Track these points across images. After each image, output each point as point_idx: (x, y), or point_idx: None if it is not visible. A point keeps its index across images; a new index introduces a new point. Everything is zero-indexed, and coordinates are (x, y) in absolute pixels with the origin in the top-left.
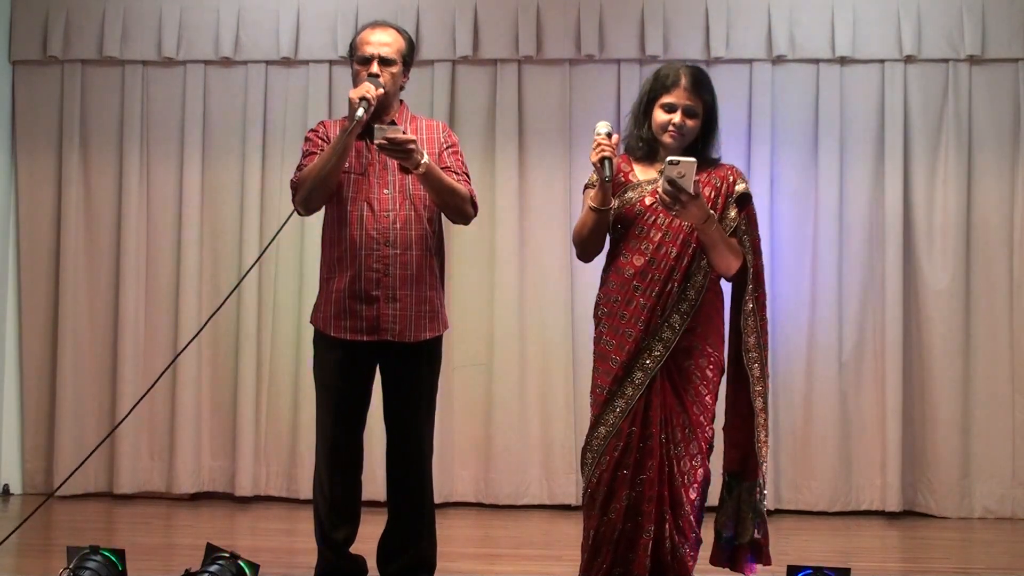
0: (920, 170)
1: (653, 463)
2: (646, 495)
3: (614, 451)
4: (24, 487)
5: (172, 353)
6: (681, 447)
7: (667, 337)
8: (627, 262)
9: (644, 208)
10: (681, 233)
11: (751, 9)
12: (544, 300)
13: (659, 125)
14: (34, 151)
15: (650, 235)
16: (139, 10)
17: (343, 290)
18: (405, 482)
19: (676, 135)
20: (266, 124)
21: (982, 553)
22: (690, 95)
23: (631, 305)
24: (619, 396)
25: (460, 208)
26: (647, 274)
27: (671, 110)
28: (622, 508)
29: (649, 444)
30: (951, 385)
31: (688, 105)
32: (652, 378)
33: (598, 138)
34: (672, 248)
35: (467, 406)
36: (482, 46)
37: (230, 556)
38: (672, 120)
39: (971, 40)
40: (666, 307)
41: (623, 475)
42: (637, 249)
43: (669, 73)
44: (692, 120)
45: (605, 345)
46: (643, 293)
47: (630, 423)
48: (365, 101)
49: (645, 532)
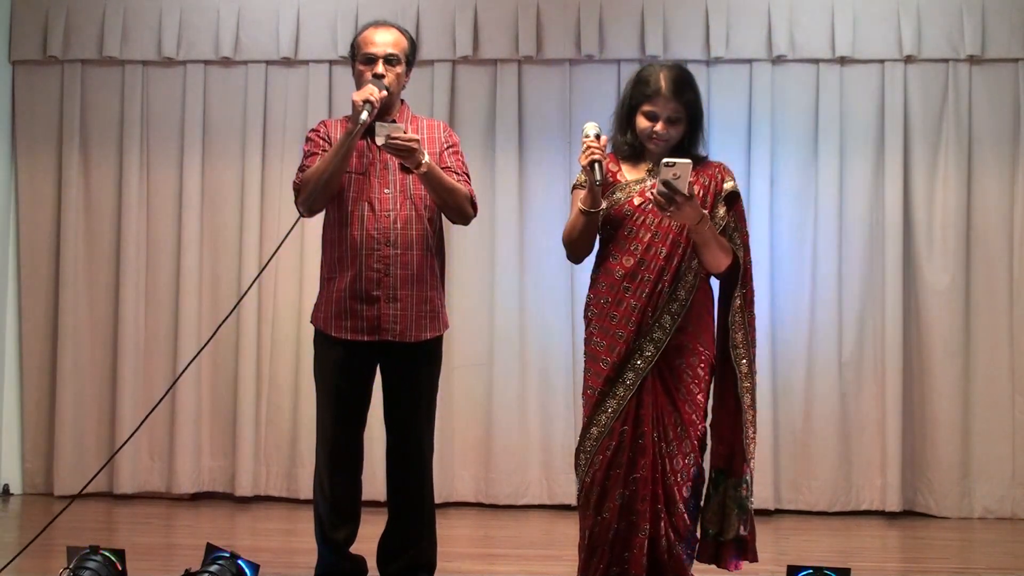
0: (920, 170)
1: (646, 462)
2: (640, 494)
3: (606, 451)
4: (24, 487)
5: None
6: (674, 445)
7: (658, 337)
8: (616, 263)
9: (633, 208)
10: (671, 233)
11: (751, 9)
12: (544, 300)
13: (642, 132)
14: (34, 151)
15: (639, 235)
16: (139, 10)
17: (344, 290)
18: (405, 482)
19: (659, 143)
20: (266, 124)
21: (982, 553)
22: (672, 102)
23: (621, 306)
24: (610, 397)
25: (460, 208)
26: (637, 275)
27: (653, 119)
28: (616, 508)
29: (641, 443)
30: (951, 385)
31: (670, 114)
32: (643, 378)
33: (587, 140)
34: (662, 248)
35: (467, 406)
36: (482, 46)
37: (230, 556)
38: (655, 129)
39: (971, 40)
40: (656, 307)
41: (616, 474)
42: (626, 250)
43: (649, 80)
44: (675, 127)
45: (596, 346)
46: (633, 294)
47: (622, 422)
48: (369, 104)
49: (640, 531)
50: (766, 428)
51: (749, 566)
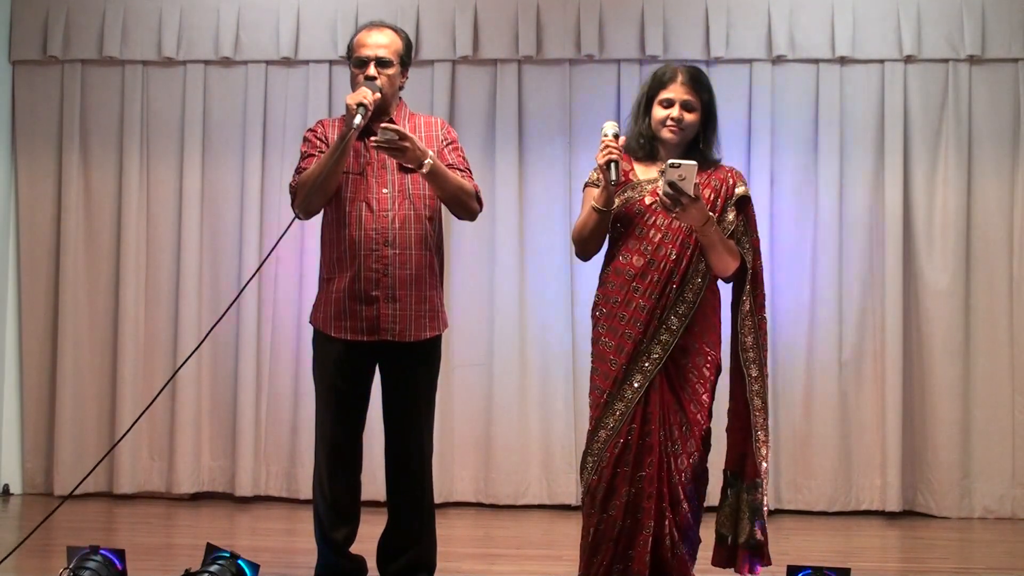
0: (920, 170)
1: (652, 460)
2: (646, 492)
3: (614, 448)
4: (24, 487)
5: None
6: (679, 445)
7: (665, 340)
8: (627, 262)
9: (644, 208)
10: (680, 234)
11: (751, 9)
12: (544, 300)
13: (658, 121)
14: (34, 151)
15: (649, 235)
16: (139, 10)
17: (343, 290)
18: (405, 482)
19: (675, 129)
20: (266, 124)
21: (982, 553)
22: (688, 90)
23: (630, 306)
24: (619, 399)
25: (466, 204)
26: (647, 275)
27: (669, 105)
28: (622, 505)
29: (648, 441)
30: (951, 385)
31: (686, 99)
32: (651, 379)
33: (605, 140)
34: (672, 249)
35: (467, 406)
36: (482, 46)
37: (230, 556)
38: (670, 115)
39: (971, 40)
40: (664, 309)
41: (623, 472)
42: (636, 249)
43: (667, 71)
44: (691, 114)
45: (604, 346)
46: (643, 295)
47: (630, 421)
48: (362, 107)
49: (645, 528)
50: None
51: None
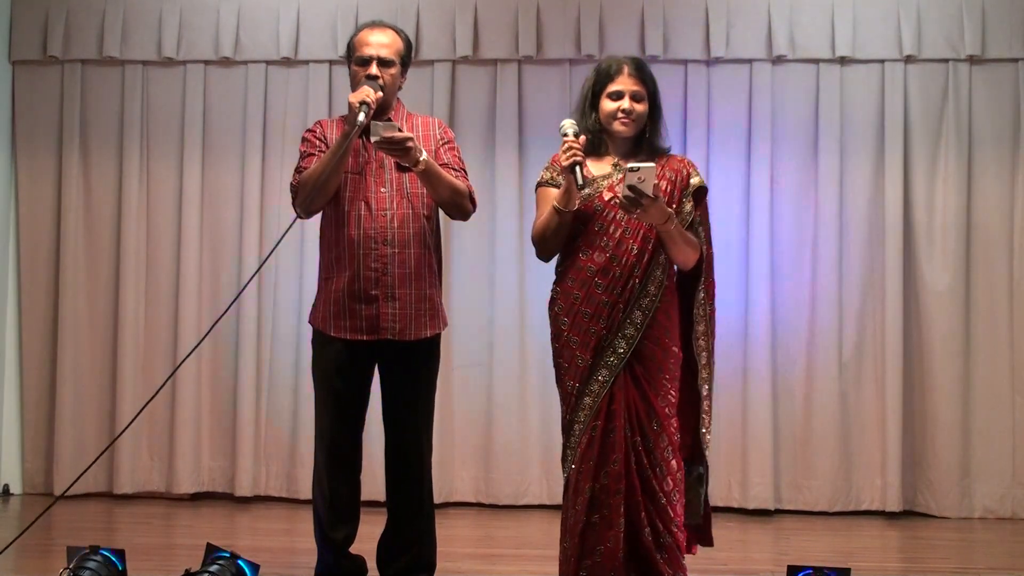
0: (920, 170)
1: (618, 456)
2: (612, 488)
3: (580, 445)
4: (24, 487)
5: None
6: (651, 440)
7: (630, 334)
8: (588, 259)
9: (603, 204)
10: (641, 229)
11: (751, 9)
12: (544, 299)
13: (608, 114)
14: (34, 151)
15: (610, 231)
16: (139, 10)
17: (342, 290)
18: (404, 482)
19: (627, 120)
20: (266, 124)
21: (982, 553)
22: (635, 80)
23: (592, 302)
24: (587, 394)
25: (459, 204)
26: (609, 271)
27: (618, 97)
28: (585, 500)
29: (613, 437)
30: (951, 385)
31: (635, 90)
32: (616, 375)
33: (567, 140)
34: (633, 244)
35: (467, 406)
36: (482, 46)
37: (230, 556)
38: (621, 106)
39: (971, 40)
40: (628, 303)
41: (587, 467)
42: (597, 246)
43: (612, 64)
44: (640, 104)
45: (568, 342)
46: (605, 290)
47: (595, 418)
48: (365, 105)
49: (614, 525)
50: (766, 428)
51: (750, 565)
